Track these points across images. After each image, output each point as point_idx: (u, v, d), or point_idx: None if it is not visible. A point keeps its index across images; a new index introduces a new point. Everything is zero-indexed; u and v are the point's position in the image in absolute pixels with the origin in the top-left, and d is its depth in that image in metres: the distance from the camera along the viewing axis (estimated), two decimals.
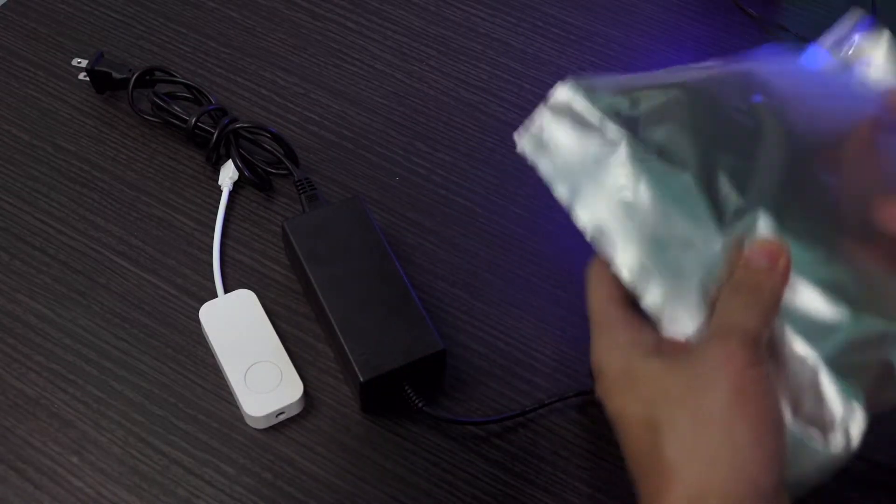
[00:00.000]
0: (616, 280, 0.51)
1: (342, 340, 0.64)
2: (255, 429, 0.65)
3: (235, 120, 0.74)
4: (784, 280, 0.48)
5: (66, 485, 0.63)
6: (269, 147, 0.75)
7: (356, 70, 0.82)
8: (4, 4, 0.85)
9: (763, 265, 0.47)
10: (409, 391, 0.64)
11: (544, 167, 0.54)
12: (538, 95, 0.80)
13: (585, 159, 0.53)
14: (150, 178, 0.75)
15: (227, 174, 0.74)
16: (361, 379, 0.63)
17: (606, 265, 0.52)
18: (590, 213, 0.52)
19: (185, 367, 0.67)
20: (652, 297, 0.50)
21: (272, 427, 0.65)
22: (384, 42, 0.83)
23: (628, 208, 0.51)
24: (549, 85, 0.81)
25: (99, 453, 0.64)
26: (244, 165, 0.73)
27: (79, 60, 0.79)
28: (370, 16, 0.85)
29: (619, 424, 0.49)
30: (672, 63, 0.82)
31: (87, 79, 0.78)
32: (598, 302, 0.51)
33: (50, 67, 0.81)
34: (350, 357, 0.63)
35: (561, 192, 0.53)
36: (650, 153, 0.52)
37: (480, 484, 0.63)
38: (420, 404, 0.64)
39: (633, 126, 0.53)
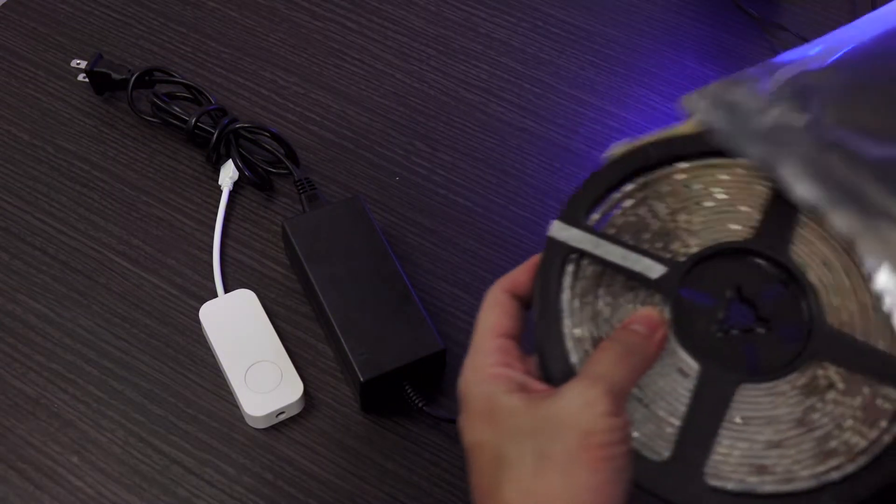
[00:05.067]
0: (509, 310, 0.51)
1: (342, 340, 0.64)
2: (255, 429, 0.65)
3: (235, 120, 0.74)
4: (657, 350, 0.49)
5: (67, 484, 0.63)
6: (269, 147, 0.75)
7: (356, 70, 0.82)
8: (4, 4, 0.85)
9: (641, 331, 0.49)
10: (409, 391, 0.64)
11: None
12: (538, 95, 0.80)
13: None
14: (150, 178, 0.75)
15: (227, 174, 0.74)
16: (361, 379, 0.63)
17: (504, 293, 0.51)
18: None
19: (185, 367, 0.67)
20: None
21: (272, 427, 0.65)
22: (384, 42, 0.83)
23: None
24: (549, 85, 0.81)
25: (99, 453, 0.64)
26: (244, 165, 0.73)
27: (78, 62, 0.79)
28: (370, 16, 0.85)
29: (471, 456, 0.48)
30: (672, 63, 0.83)
31: (87, 80, 0.78)
32: (483, 327, 0.50)
33: (50, 67, 0.81)
34: (350, 357, 0.63)
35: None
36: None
37: None
38: (420, 404, 0.64)
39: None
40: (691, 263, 0.51)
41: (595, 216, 0.52)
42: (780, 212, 0.52)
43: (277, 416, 0.65)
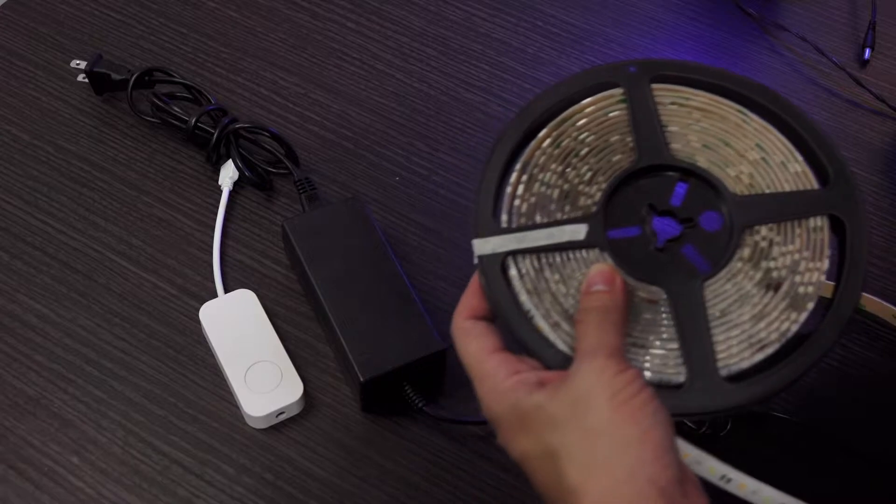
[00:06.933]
0: (483, 330, 0.53)
1: (342, 340, 0.64)
2: (255, 429, 0.65)
3: (235, 120, 0.74)
4: (624, 295, 0.52)
5: (66, 485, 0.63)
6: (269, 147, 0.75)
7: (356, 70, 0.82)
8: (4, 4, 0.85)
9: (602, 288, 0.52)
10: (409, 391, 0.64)
11: None
12: None
13: None
14: (150, 178, 0.75)
15: (227, 174, 0.74)
16: (361, 379, 0.63)
17: (467, 320, 0.54)
18: None
19: (185, 367, 0.67)
20: None
21: (272, 427, 0.65)
22: (384, 42, 0.83)
23: None
24: (549, 85, 0.81)
25: (99, 453, 0.64)
26: (244, 165, 0.73)
27: (77, 62, 0.79)
28: (370, 16, 0.85)
29: (525, 466, 0.50)
30: None
31: (87, 80, 0.78)
32: (472, 357, 0.53)
33: (50, 67, 0.81)
34: (350, 357, 0.63)
35: None
36: None
37: (480, 484, 0.63)
38: (420, 404, 0.64)
39: None
40: (603, 208, 0.55)
41: (504, 217, 0.55)
42: (643, 123, 0.56)
43: (277, 416, 0.65)
